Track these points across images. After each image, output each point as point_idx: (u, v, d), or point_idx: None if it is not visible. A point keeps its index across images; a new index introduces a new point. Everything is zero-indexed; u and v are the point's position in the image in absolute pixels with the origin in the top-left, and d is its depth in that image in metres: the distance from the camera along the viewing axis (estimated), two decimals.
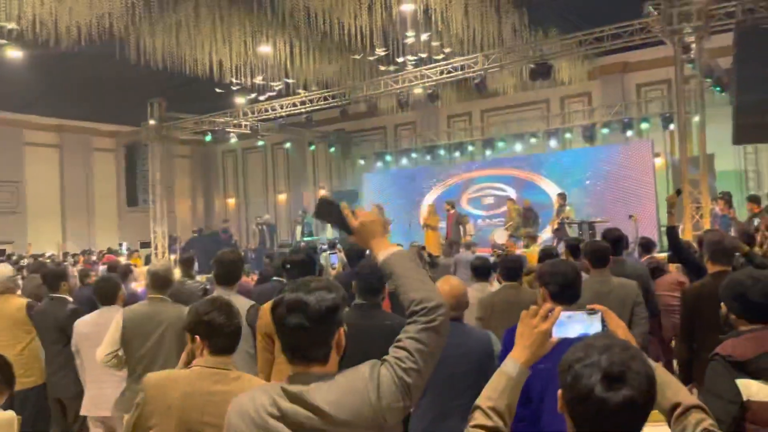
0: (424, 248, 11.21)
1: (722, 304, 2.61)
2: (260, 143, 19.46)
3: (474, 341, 3.23)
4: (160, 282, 4.04)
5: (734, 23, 9.75)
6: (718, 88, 12.99)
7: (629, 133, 15.62)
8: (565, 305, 4.27)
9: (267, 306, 3.64)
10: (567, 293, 2.94)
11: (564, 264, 3.22)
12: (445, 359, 1.91)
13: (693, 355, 3.88)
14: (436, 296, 1.66)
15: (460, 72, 13.03)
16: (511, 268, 4.66)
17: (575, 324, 1.65)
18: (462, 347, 3.09)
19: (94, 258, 15.21)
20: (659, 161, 15.36)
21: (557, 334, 1.64)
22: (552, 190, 15.52)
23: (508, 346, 2.81)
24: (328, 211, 1.85)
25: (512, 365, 1.62)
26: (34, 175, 19.54)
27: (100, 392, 4.21)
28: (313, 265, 3.70)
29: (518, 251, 10.48)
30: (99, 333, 4.19)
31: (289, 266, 3.69)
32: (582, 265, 6.24)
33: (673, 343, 5.43)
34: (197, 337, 2.32)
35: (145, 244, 18.48)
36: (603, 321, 1.65)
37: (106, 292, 4.31)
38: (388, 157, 19.81)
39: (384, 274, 3.49)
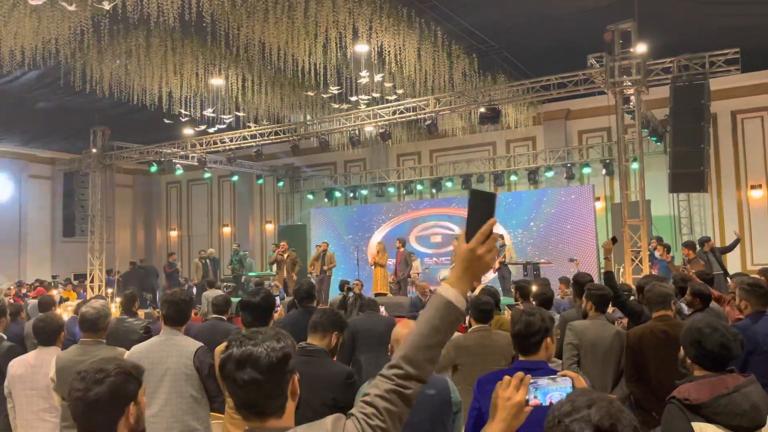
0: (351, 289, 10.98)
1: (681, 348, 2.70)
2: (206, 175, 19.12)
3: (431, 388, 3.18)
4: (88, 326, 3.82)
5: (670, 78, 10.33)
6: (654, 138, 13.70)
7: (571, 177, 16.20)
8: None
9: (222, 347, 3.53)
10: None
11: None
12: None
13: (645, 395, 4.00)
14: (426, 370, 1.56)
15: (411, 113, 13.26)
16: (483, 310, 4.59)
17: (542, 390, 1.67)
18: (418, 394, 3.04)
19: (24, 291, 14.41)
20: (600, 205, 15.95)
21: (531, 401, 1.65)
22: (497, 230, 15.78)
23: (478, 396, 2.79)
24: (486, 201, 1.60)
25: None
26: None
27: None
28: (270, 309, 3.60)
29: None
30: (34, 375, 3.95)
31: (245, 308, 3.57)
32: (528, 305, 6.41)
33: None
34: None
35: (80, 276, 17.67)
36: (574, 387, 1.68)
37: (46, 331, 4.06)
38: (338, 193, 19.82)
39: (341, 320, 3.47)
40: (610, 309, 6.55)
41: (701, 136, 9.74)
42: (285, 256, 15.27)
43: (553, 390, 1.66)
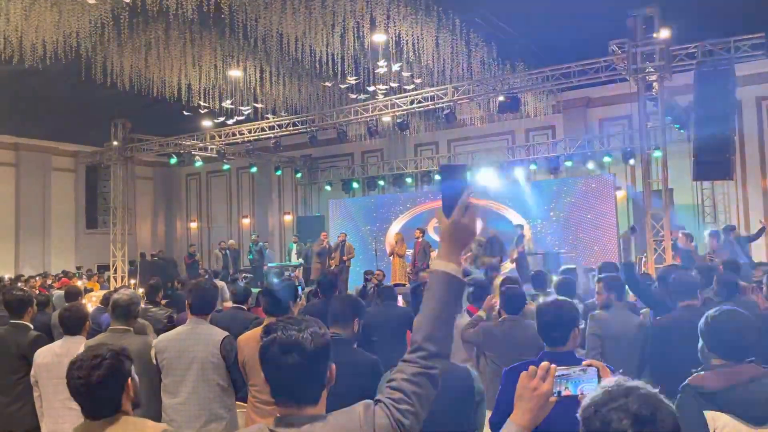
0: (369, 279, 10.98)
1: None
2: (225, 167, 19.25)
3: (453, 378, 3.16)
4: (121, 312, 3.87)
5: (694, 64, 10.13)
6: (677, 126, 13.47)
7: (591, 166, 16.01)
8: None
9: (244, 337, 3.55)
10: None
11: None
12: None
13: (669, 386, 3.94)
14: (446, 345, 1.59)
15: (430, 102, 13.19)
16: (516, 301, 4.58)
17: (573, 381, 1.64)
18: (442, 384, 3.05)
19: (49, 281, 14.67)
20: (620, 194, 15.76)
21: (563, 392, 1.62)
22: (517, 220, 15.73)
23: (506, 386, 2.77)
24: (458, 173, 1.66)
25: (515, 430, 1.59)
26: None
27: (57, 427, 4.00)
28: (293, 298, 3.63)
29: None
30: (60, 364, 3.99)
31: (267, 296, 3.60)
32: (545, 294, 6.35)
33: None
34: None
35: (103, 267, 17.92)
36: (599, 377, 1.65)
37: (72, 321, 4.13)
38: (355, 184, 19.82)
39: (359, 305, 3.48)
40: (632, 298, 6.50)
41: (727, 123, 9.56)
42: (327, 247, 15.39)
43: (585, 381, 1.64)
